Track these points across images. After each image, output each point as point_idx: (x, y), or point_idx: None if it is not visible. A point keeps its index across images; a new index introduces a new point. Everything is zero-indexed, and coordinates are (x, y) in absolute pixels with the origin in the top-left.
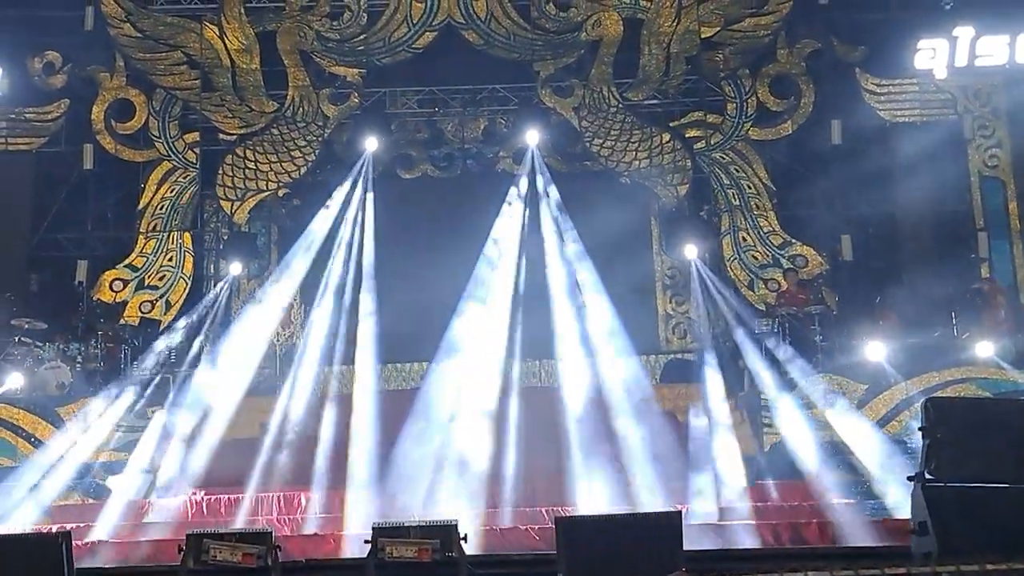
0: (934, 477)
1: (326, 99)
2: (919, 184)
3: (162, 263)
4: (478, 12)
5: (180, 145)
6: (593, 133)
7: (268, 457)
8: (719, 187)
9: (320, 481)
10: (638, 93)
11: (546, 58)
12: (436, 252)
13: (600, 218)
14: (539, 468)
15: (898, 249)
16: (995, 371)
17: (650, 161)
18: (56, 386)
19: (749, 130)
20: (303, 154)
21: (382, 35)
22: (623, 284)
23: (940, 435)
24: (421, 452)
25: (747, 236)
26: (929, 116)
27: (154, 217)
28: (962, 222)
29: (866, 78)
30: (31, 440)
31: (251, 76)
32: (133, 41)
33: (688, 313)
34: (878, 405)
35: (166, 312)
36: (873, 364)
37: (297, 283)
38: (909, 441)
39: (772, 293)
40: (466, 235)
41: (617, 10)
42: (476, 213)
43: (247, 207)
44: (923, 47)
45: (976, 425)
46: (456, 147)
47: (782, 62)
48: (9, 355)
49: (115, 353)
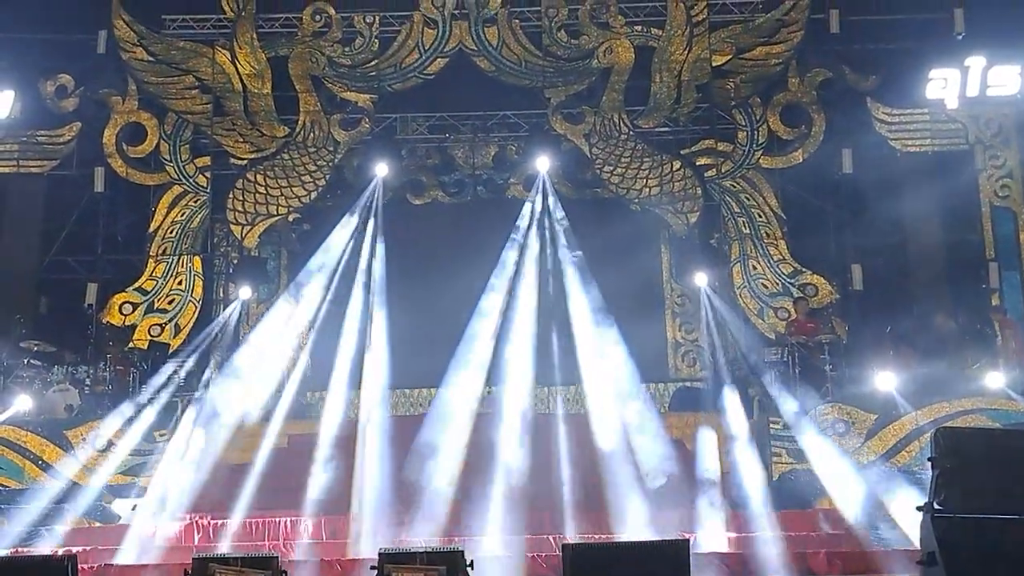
0: (943, 508)
1: (337, 124)
2: (930, 214)
3: (172, 287)
4: (489, 39)
5: (191, 169)
6: (604, 160)
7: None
8: (729, 215)
9: (325, 506)
10: (649, 120)
11: (557, 85)
12: (446, 278)
13: (610, 245)
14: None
15: (909, 279)
16: (1005, 402)
17: (660, 189)
18: (64, 409)
19: (760, 158)
20: (313, 179)
21: (393, 61)
22: (632, 311)
23: (950, 465)
24: (426, 478)
25: (757, 264)
26: (940, 146)
27: (164, 241)
28: (973, 252)
29: (877, 107)
30: (39, 463)
31: (262, 101)
32: (145, 65)
33: (697, 341)
34: (888, 435)
35: (175, 336)
36: (883, 394)
37: (310, 309)
38: (919, 471)
39: (782, 322)
40: (476, 261)
41: (628, 38)
42: (486, 239)
43: (257, 231)
44: (935, 77)
45: (986, 456)
46: (466, 173)
47: (793, 91)
48: (18, 377)
49: (124, 376)
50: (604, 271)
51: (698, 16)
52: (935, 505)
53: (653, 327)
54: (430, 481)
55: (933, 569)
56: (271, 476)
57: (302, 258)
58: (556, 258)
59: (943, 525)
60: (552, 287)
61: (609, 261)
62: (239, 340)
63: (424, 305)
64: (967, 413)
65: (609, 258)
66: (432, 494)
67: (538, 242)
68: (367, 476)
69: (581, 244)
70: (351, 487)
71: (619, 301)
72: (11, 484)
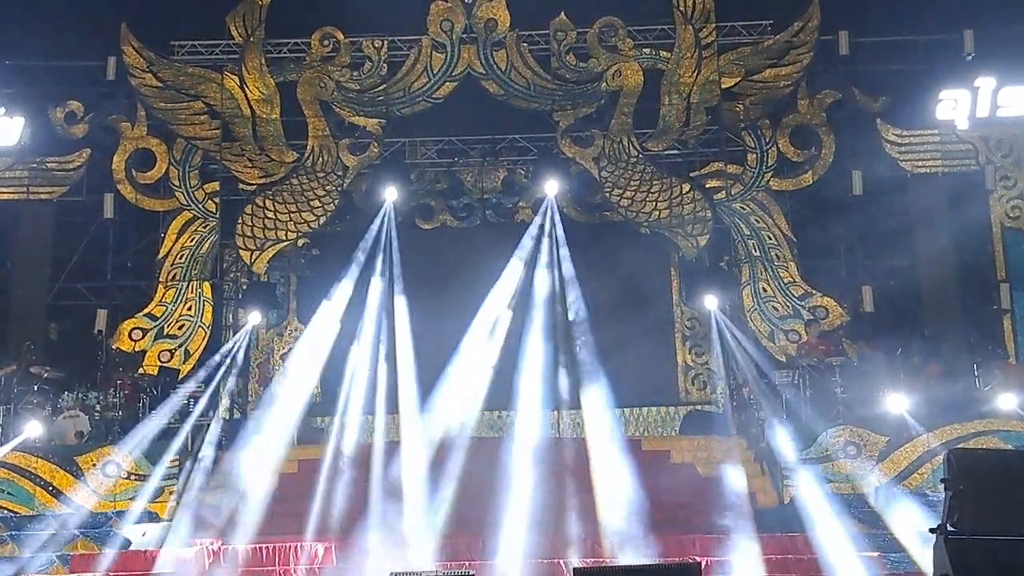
0: (957, 529)
1: (345, 149)
2: (940, 235)
3: (181, 312)
4: (498, 62)
5: (200, 195)
6: (613, 183)
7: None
8: (739, 237)
9: (338, 529)
10: (658, 143)
11: (566, 108)
12: (454, 302)
13: (620, 268)
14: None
15: (920, 300)
16: (1018, 423)
17: (670, 211)
18: (75, 435)
19: (769, 180)
20: (322, 204)
21: (402, 85)
22: (642, 335)
23: (963, 487)
24: (436, 500)
25: (767, 287)
26: (950, 167)
27: (174, 266)
28: (984, 273)
29: (887, 129)
30: (49, 489)
31: (271, 126)
32: (154, 91)
33: (708, 364)
34: (900, 457)
35: (185, 361)
36: (895, 416)
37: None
38: (931, 493)
39: (793, 344)
40: (484, 286)
41: (637, 60)
42: (495, 264)
43: (266, 257)
44: (944, 98)
45: (1000, 477)
46: (475, 197)
47: (802, 112)
48: (28, 403)
49: (133, 402)
50: (613, 294)
51: (707, 38)
52: (948, 527)
53: (663, 350)
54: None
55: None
56: (280, 501)
57: (311, 283)
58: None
59: (957, 547)
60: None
61: (618, 284)
62: (248, 365)
63: (431, 328)
64: (980, 435)
65: (618, 281)
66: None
67: (546, 269)
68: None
69: (590, 268)
70: (361, 512)
71: (628, 324)
72: (22, 510)
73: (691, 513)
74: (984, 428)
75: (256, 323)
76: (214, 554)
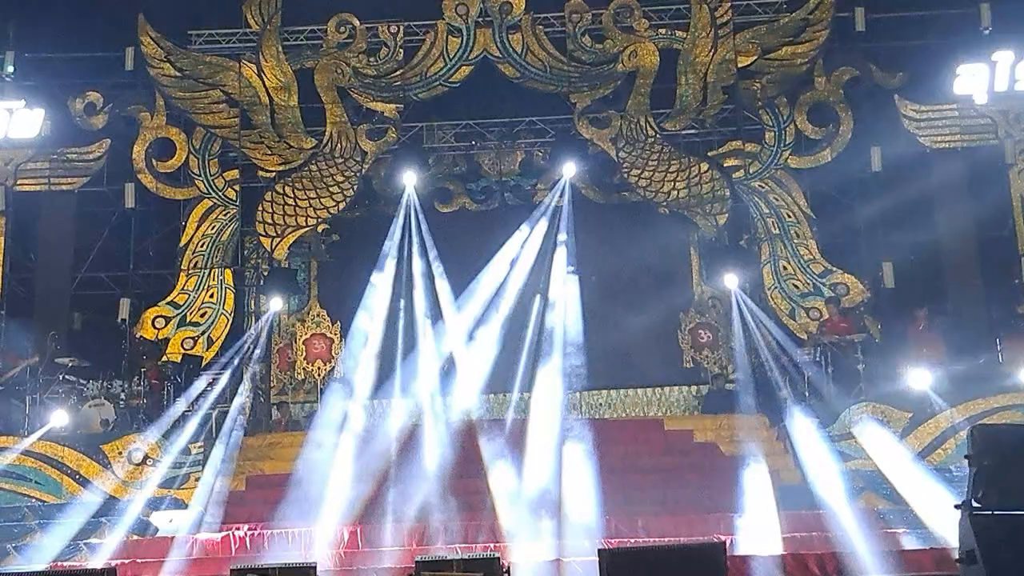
0: (981, 505)
1: (364, 135)
2: (960, 210)
3: (203, 300)
4: (514, 45)
5: (220, 183)
6: (631, 164)
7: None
8: (758, 216)
9: (361, 514)
10: (675, 123)
11: (582, 90)
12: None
13: (639, 249)
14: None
15: (940, 276)
16: None
17: (688, 191)
18: (100, 423)
19: (788, 158)
20: (341, 190)
21: (419, 70)
22: (663, 314)
23: (987, 462)
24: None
25: (787, 265)
26: (969, 141)
27: (195, 254)
28: (1004, 248)
29: (905, 104)
30: (76, 477)
31: (289, 113)
32: (173, 80)
33: (729, 343)
34: (923, 433)
35: (208, 348)
36: (917, 392)
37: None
38: (955, 469)
39: (814, 322)
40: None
41: (653, 41)
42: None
43: (287, 243)
44: (962, 72)
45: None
46: (494, 180)
47: (820, 90)
48: (54, 393)
49: (158, 390)
50: (633, 275)
51: (722, 17)
52: (973, 503)
53: (684, 330)
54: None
55: (973, 567)
56: (307, 486)
57: (332, 268)
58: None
59: (982, 522)
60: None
61: (638, 264)
62: (270, 351)
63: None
64: (1003, 410)
65: (638, 261)
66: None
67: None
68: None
69: (610, 248)
70: (386, 496)
71: (648, 304)
72: (50, 499)
73: (715, 492)
74: (1008, 403)
75: (277, 309)
76: (240, 540)
